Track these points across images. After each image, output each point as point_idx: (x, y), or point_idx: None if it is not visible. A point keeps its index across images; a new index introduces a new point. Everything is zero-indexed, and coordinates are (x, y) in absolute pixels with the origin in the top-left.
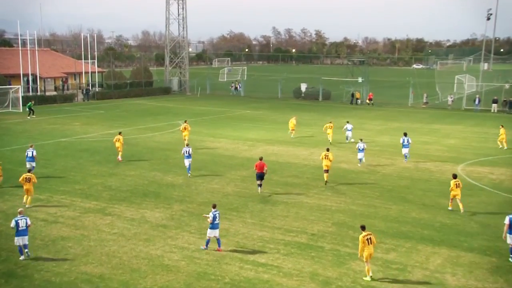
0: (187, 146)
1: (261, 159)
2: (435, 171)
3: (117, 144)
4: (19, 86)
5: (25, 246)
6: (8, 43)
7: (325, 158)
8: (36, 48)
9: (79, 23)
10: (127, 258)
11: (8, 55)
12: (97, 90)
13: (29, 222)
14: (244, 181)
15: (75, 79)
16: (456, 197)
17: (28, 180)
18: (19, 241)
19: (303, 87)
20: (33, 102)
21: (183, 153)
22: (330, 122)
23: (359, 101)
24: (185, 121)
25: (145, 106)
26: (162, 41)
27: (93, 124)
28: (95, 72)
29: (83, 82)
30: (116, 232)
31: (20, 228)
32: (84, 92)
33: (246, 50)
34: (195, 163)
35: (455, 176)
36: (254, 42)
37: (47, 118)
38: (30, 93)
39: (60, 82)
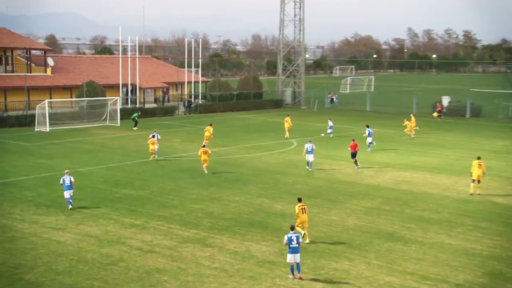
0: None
1: (353, 140)
2: None
3: (203, 157)
4: (118, 97)
5: (70, 198)
6: (108, 50)
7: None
8: (137, 56)
9: (183, 26)
10: None
11: (107, 63)
12: (200, 102)
13: (72, 180)
14: (368, 213)
15: (176, 90)
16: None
17: None
18: (66, 194)
19: (445, 100)
20: (139, 113)
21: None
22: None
23: None
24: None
25: (253, 121)
26: (274, 46)
27: (194, 141)
28: (198, 82)
29: (185, 93)
30: (217, 266)
31: (65, 184)
32: (186, 104)
33: (374, 56)
34: (309, 189)
35: (479, 158)
36: (384, 47)
37: (146, 133)
38: (129, 105)
39: (161, 93)
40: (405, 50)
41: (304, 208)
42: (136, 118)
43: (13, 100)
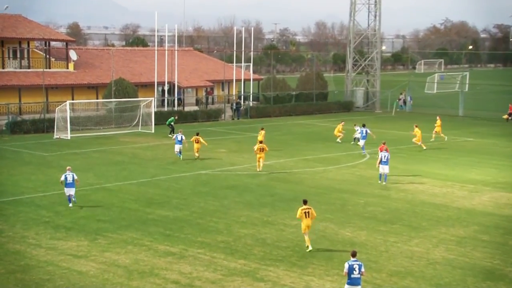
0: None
1: (384, 143)
2: None
3: (260, 155)
4: (152, 98)
5: (72, 196)
6: (142, 42)
7: None
8: (176, 48)
9: (232, 13)
10: None
11: (140, 57)
12: (251, 104)
13: (76, 177)
14: (461, 244)
15: (222, 90)
16: None
17: None
18: (68, 191)
19: None
20: (176, 117)
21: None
22: None
23: None
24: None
25: (316, 128)
26: (343, 36)
27: (243, 152)
28: (249, 79)
29: (233, 93)
30: None
31: (68, 182)
32: (234, 107)
33: (470, 47)
34: (384, 213)
35: None
36: (482, 35)
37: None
38: (165, 108)
39: (204, 93)
40: (511, 40)
41: (308, 212)
42: (172, 123)
43: (29, 102)
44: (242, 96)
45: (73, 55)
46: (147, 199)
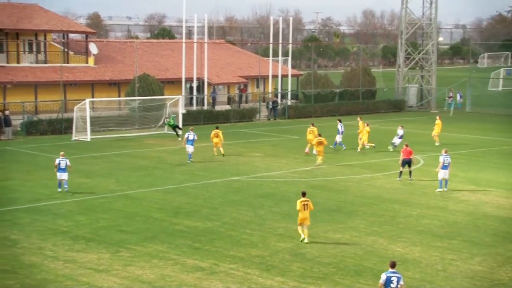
0: None
1: (407, 145)
2: None
3: (318, 148)
4: (180, 96)
5: (64, 182)
6: (168, 33)
7: None
8: (206, 40)
9: (269, 1)
10: None
11: (166, 50)
12: (289, 103)
13: (68, 163)
14: None
15: (257, 87)
16: None
17: None
18: (60, 176)
19: None
20: (174, 115)
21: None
22: None
23: None
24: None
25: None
26: (394, 26)
27: (280, 156)
28: (287, 75)
29: (269, 91)
30: None
31: (61, 167)
32: (270, 106)
33: None
34: (441, 226)
35: None
36: None
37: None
38: (194, 107)
39: (236, 91)
40: None
41: (307, 204)
42: (172, 123)
43: (46, 100)
44: (279, 94)
45: (93, 48)
46: (174, 208)
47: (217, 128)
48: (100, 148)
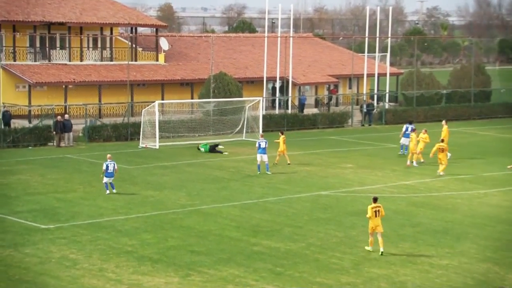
0: None
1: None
2: None
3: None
4: (260, 98)
5: (111, 185)
6: (248, 27)
7: None
8: (291, 34)
9: None
10: None
11: (246, 45)
12: (387, 106)
13: (116, 167)
14: None
15: (350, 87)
16: None
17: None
18: (106, 179)
19: None
20: (222, 145)
21: None
22: None
23: None
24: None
25: (475, 137)
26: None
27: (376, 168)
28: (385, 74)
29: (364, 92)
30: None
31: (108, 171)
32: (365, 109)
33: None
34: None
35: None
36: None
37: (300, 153)
38: (276, 110)
39: (325, 92)
40: None
41: (379, 210)
42: (207, 149)
43: (110, 102)
44: (376, 96)
45: (164, 44)
46: (252, 226)
47: (281, 133)
48: (170, 156)
